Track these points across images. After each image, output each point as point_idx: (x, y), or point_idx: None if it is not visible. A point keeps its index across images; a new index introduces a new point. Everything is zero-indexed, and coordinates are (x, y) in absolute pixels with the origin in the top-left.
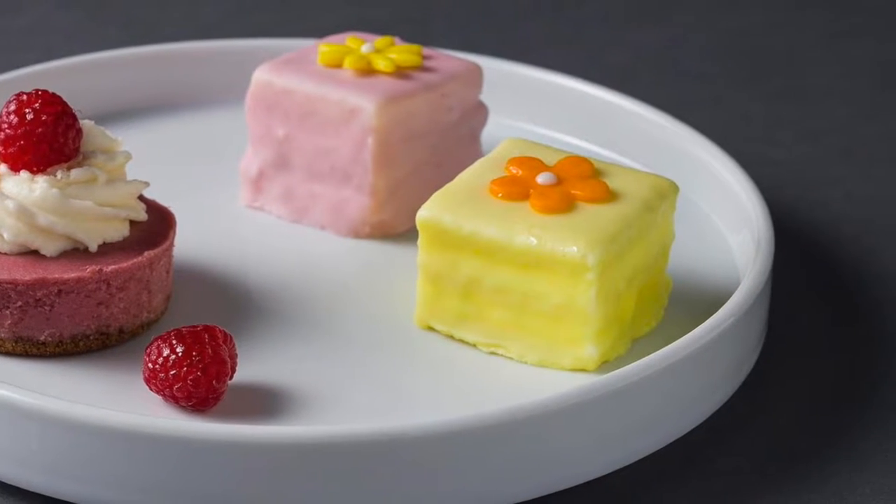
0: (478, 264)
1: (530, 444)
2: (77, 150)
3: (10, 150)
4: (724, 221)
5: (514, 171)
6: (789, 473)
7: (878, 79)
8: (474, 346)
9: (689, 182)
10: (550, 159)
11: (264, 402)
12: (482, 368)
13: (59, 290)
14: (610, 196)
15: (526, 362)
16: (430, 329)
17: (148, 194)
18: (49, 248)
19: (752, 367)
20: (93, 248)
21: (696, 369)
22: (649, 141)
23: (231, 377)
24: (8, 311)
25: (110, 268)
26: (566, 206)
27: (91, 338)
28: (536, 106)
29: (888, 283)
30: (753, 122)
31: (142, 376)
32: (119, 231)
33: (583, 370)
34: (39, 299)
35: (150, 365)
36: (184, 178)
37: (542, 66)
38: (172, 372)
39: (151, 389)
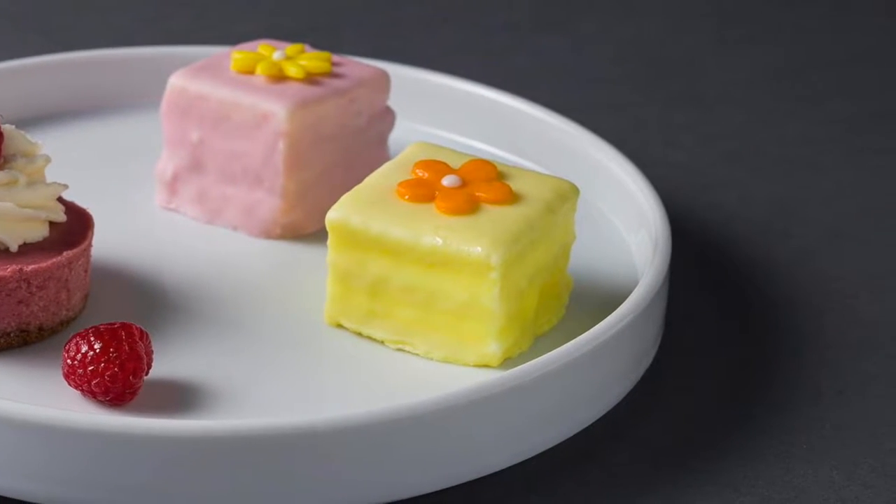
0: (385, 264)
1: (435, 437)
2: None
3: None
4: (623, 222)
5: (421, 174)
6: (685, 466)
7: (769, 85)
8: (382, 342)
9: (589, 184)
10: (455, 162)
11: (179, 397)
12: (389, 364)
13: None
14: (513, 198)
15: (432, 358)
16: (340, 326)
17: (67, 196)
18: None
19: (650, 364)
20: (13, 248)
21: (596, 365)
22: (551, 145)
23: (147, 373)
24: None
25: (30, 267)
26: (470, 207)
27: (11, 335)
28: (442, 111)
29: (780, 282)
30: (651, 126)
31: (61, 372)
32: (39, 232)
33: (486, 366)
34: None
35: (68, 361)
36: (101, 181)
37: (447, 72)
38: (90, 368)
39: (70, 385)
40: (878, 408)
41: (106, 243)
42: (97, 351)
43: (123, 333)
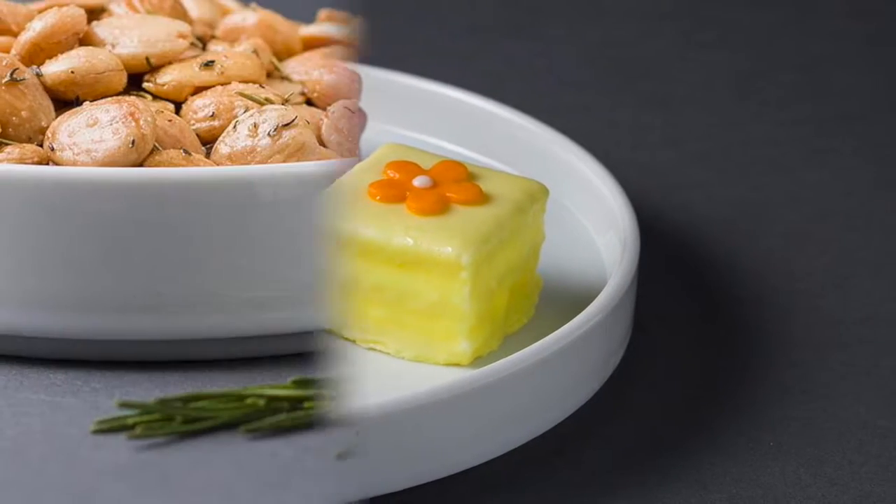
0: (356, 263)
1: (406, 435)
2: None
3: None
4: (592, 223)
5: (392, 175)
6: (653, 463)
7: (735, 88)
8: (353, 341)
9: (558, 185)
10: (426, 163)
11: None
12: (360, 363)
13: None
14: (483, 198)
15: (402, 357)
16: None
17: None
18: None
19: (619, 363)
20: None
21: (565, 364)
22: (521, 146)
23: None
24: None
25: None
26: (441, 208)
27: None
28: (413, 112)
29: (748, 281)
30: (620, 128)
31: None
32: None
33: (457, 365)
34: None
35: None
36: None
37: (418, 74)
38: None
39: None
40: (844, 406)
41: None
42: None
43: None
